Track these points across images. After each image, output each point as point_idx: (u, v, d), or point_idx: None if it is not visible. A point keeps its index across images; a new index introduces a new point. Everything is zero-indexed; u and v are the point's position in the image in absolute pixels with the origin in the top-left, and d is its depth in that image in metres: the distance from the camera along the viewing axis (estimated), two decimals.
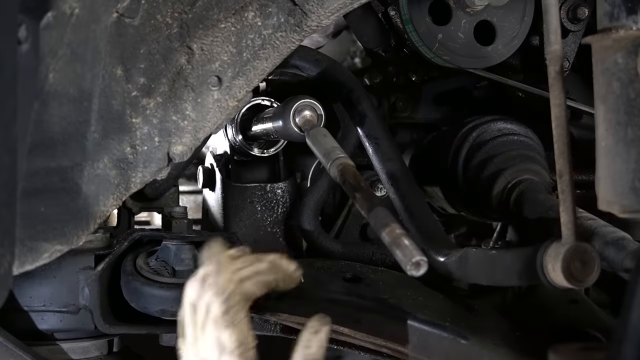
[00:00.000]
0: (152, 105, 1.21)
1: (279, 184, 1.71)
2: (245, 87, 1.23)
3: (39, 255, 1.17)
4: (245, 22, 1.21)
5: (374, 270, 1.43)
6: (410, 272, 1.03)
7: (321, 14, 1.20)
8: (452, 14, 1.46)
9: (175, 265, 1.35)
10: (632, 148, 0.97)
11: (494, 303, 1.42)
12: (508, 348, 1.26)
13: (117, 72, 1.19)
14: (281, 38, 1.21)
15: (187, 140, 1.23)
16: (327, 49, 2.09)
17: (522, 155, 1.50)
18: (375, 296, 1.32)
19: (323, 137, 1.28)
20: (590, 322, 1.33)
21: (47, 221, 1.17)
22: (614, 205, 1.00)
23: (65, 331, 1.38)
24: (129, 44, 1.19)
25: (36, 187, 1.16)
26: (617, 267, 1.09)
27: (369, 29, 1.56)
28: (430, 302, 1.34)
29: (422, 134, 1.79)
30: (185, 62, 1.21)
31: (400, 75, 1.68)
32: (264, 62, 1.22)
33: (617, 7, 0.99)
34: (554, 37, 1.02)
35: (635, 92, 0.97)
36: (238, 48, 1.21)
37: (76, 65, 1.14)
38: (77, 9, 1.12)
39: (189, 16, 1.20)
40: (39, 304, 1.36)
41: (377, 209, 1.12)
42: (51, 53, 1.11)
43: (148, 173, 1.23)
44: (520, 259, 1.15)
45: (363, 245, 1.66)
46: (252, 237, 1.69)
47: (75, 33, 1.13)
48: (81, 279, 1.36)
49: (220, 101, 1.22)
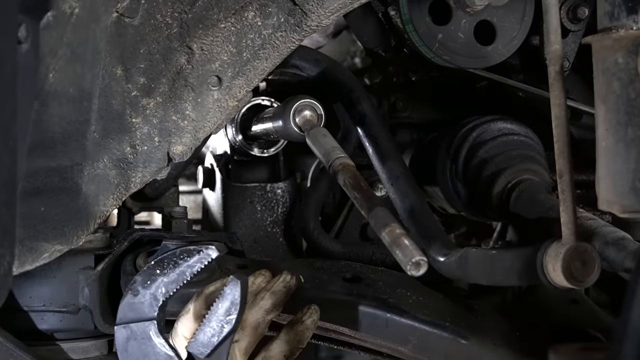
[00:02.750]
0: (152, 105, 1.21)
1: (279, 184, 1.71)
2: (245, 87, 1.23)
3: (38, 255, 1.17)
4: (245, 22, 1.21)
5: (374, 270, 1.43)
6: (410, 272, 1.03)
7: (321, 14, 1.20)
8: (452, 14, 1.46)
9: None
10: (633, 148, 0.97)
11: (494, 303, 1.42)
12: (508, 348, 1.26)
13: (117, 72, 1.19)
14: (281, 38, 1.21)
15: (187, 140, 1.23)
16: (327, 49, 2.09)
17: (522, 155, 1.50)
18: (375, 296, 1.32)
19: (323, 137, 1.28)
20: (590, 322, 1.33)
21: (47, 221, 1.17)
22: (614, 205, 1.00)
23: (65, 331, 1.38)
24: (129, 43, 1.19)
25: (36, 187, 1.16)
26: (617, 267, 1.09)
27: (369, 29, 1.56)
28: (430, 302, 1.34)
29: (422, 134, 1.79)
30: (185, 62, 1.21)
31: (400, 75, 1.68)
32: (264, 62, 1.22)
33: (617, 6, 0.99)
34: (554, 37, 1.02)
35: (636, 91, 0.97)
36: (238, 48, 1.21)
37: (76, 65, 1.14)
38: (77, 8, 1.12)
39: (189, 16, 1.20)
40: (39, 304, 1.35)
41: (377, 209, 1.12)
42: (51, 53, 1.11)
43: (148, 173, 1.23)
44: (520, 259, 1.15)
45: (363, 245, 1.66)
46: (252, 237, 1.69)
47: (75, 33, 1.13)
48: (81, 279, 1.36)
49: (220, 101, 1.22)
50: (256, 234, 1.70)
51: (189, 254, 1.23)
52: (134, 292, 1.22)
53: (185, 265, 1.22)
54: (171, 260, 1.23)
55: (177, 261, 1.22)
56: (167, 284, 1.22)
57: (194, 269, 1.22)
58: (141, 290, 1.22)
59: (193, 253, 1.23)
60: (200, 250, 1.23)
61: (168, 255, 1.23)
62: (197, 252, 1.23)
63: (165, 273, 1.22)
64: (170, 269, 1.22)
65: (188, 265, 1.22)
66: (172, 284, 1.22)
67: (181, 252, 1.23)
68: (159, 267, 1.22)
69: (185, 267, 1.22)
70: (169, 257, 1.23)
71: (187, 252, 1.23)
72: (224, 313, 1.14)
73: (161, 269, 1.22)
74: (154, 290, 1.22)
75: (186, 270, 1.22)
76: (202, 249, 1.23)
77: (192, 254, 1.23)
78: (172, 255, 1.23)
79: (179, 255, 1.23)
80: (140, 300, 1.21)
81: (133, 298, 1.21)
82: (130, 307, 1.21)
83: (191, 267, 1.22)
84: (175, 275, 1.22)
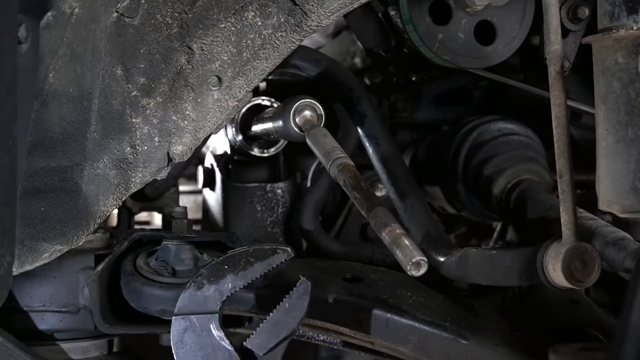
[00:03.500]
0: (152, 105, 1.21)
1: (279, 184, 1.71)
2: (245, 87, 1.23)
3: (38, 255, 1.17)
4: (245, 22, 1.21)
5: (374, 270, 1.43)
6: (410, 272, 1.03)
7: (321, 14, 1.20)
8: (452, 14, 1.46)
9: (175, 265, 1.35)
10: (633, 148, 0.97)
11: (494, 303, 1.42)
12: (508, 348, 1.26)
13: (117, 72, 1.19)
14: (281, 38, 1.21)
15: (187, 140, 1.23)
16: (327, 49, 2.09)
17: (522, 156, 1.50)
18: (375, 296, 1.32)
19: (323, 137, 1.28)
20: (590, 322, 1.33)
21: (47, 221, 1.17)
22: (614, 205, 1.00)
23: (65, 331, 1.38)
24: (129, 43, 1.19)
25: (36, 187, 1.16)
26: (618, 267, 1.09)
27: (369, 29, 1.56)
28: (430, 302, 1.34)
29: (422, 134, 1.79)
30: (185, 62, 1.21)
31: (400, 75, 1.68)
32: (264, 62, 1.22)
33: (617, 6, 0.99)
34: (554, 37, 1.02)
35: (636, 91, 0.97)
36: (238, 48, 1.21)
37: (76, 65, 1.14)
38: (77, 8, 1.12)
39: (189, 16, 1.20)
40: (38, 304, 1.35)
41: (377, 209, 1.12)
42: (51, 53, 1.11)
43: (148, 173, 1.23)
44: (520, 259, 1.15)
45: (363, 245, 1.66)
46: (252, 237, 1.69)
47: (75, 33, 1.13)
48: (81, 279, 1.36)
49: (220, 101, 1.22)
50: (256, 234, 1.70)
51: (262, 254, 1.23)
52: (198, 284, 1.21)
53: (258, 264, 1.22)
54: (242, 257, 1.23)
55: (249, 259, 1.22)
56: (235, 280, 1.21)
57: (264, 269, 1.22)
58: (206, 284, 1.21)
59: (267, 253, 1.23)
60: (275, 251, 1.23)
61: (239, 253, 1.24)
62: (271, 253, 1.23)
63: (235, 270, 1.22)
64: (240, 267, 1.22)
65: (260, 264, 1.22)
66: (240, 280, 1.21)
67: (255, 251, 1.23)
68: (228, 263, 1.22)
69: (258, 266, 1.22)
70: (240, 255, 1.23)
71: (261, 252, 1.23)
72: (288, 313, 1.15)
73: (230, 265, 1.22)
74: (220, 285, 1.21)
75: (258, 269, 1.22)
76: (277, 250, 1.23)
77: (266, 254, 1.23)
78: (245, 253, 1.23)
79: (252, 253, 1.23)
80: (204, 293, 1.21)
81: (196, 291, 1.21)
82: (192, 299, 1.21)
83: (263, 266, 1.22)
84: (245, 273, 1.22)
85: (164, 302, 1.30)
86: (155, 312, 1.31)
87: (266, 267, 1.23)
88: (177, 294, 1.24)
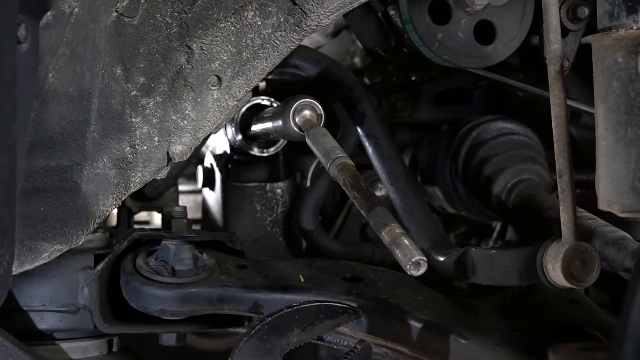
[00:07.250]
0: (152, 105, 1.21)
1: (279, 184, 1.71)
2: (245, 86, 1.23)
3: (38, 255, 1.17)
4: (245, 22, 1.21)
5: (374, 270, 1.43)
6: (410, 272, 1.03)
7: (321, 14, 1.20)
8: (452, 14, 1.46)
9: (175, 265, 1.35)
10: (633, 148, 0.97)
11: (494, 303, 1.42)
12: (508, 348, 1.26)
13: (117, 71, 1.19)
14: (281, 38, 1.21)
15: (187, 140, 1.23)
16: (327, 49, 2.09)
17: (522, 155, 1.50)
18: (375, 296, 1.32)
19: (323, 137, 1.28)
20: (590, 322, 1.33)
21: (47, 221, 1.17)
22: (614, 205, 1.00)
23: (65, 331, 1.38)
24: (128, 43, 1.19)
25: (36, 187, 1.16)
26: (618, 267, 1.09)
27: (369, 28, 1.56)
28: (430, 302, 1.34)
29: (422, 134, 1.79)
30: (185, 61, 1.21)
31: (400, 75, 1.68)
32: (264, 61, 1.22)
33: (617, 6, 0.99)
34: (554, 36, 1.02)
35: (636, 91, 0.97)
36: (238, 48, 1.21)
37: (76, 65, 1.14)
38: (76, 8, 1.12)
39: (189, 16, 1.20)
40: (38, 304, 1.35)
41: (377, 209, 1.12)
42: (51, 53, 1.11)
43: (148, 173, 1.23)
44: (520, 259, 1.15)
45: (363, 245, 1.66)
46: (252, 237, 1.69)
47: (75, 33, 1.13)
48: (81, 279, 1.36)
49: (220, 101, 1.22)
50: (256, 234, 1.70)
51: (333, 312, 1.20)
52: (263, 334, 1.18)
53: (327, 321, 1.21)
54: (313, 312, 1.20)
55: (320, 315, 1.20)
56: (302, 334, 1.19)
57: (333, 327, 1.21)
58: (272, 336, 1.19)
59: (337, 312, 1.21)
60: (346, 310, 1.21)
61: (312, 307, 1.21)
62: (342, 312, 1.21)
63: (304, 324, 1.20)
64: (309, 322, 1.20)
65: (330, 322, 1.21)
66: (308, 335, 1.20)
67: (326, 308, 1.21)
68: (298, 315, 1.20)
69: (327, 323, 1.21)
70: (312, 309, 1.20)
71: (332, 310, 1.21)
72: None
73: (300, 319, 1.20)
74: (287, 338, 1.19)
75: (327, 326, 1.20)
76: (348, 310, 1.21)
77: (337, 313, 1.21)
78: (317, 308, 1.21)
79: (324, 310, 1.21)
80: (267, 345, 1.18)
81: (259, 342, 1.19)
82: (254, 351, 1.18)
83: (332, 324, 1.21)
84: (314, 329, 1.20)
85: (163, 302, 1.30)
86: (155, 312, 1.31)
87: (335, 326, 1.21)
88: (177, 294, 1.24)
